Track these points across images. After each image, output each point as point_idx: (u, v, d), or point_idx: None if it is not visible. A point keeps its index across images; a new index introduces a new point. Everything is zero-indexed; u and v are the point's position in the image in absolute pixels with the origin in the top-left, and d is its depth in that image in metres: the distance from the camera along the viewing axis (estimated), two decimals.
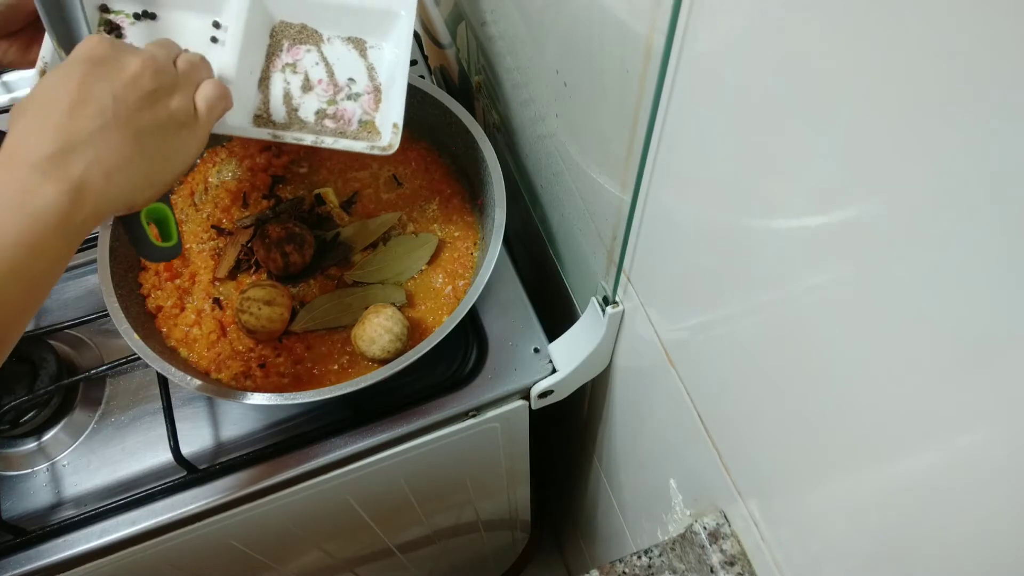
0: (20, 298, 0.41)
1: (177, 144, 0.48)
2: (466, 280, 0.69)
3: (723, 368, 0.46)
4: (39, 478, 0.65)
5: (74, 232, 0.42)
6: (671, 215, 0.46)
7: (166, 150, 0.47)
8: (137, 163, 0.45)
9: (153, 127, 0.46)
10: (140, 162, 0.45)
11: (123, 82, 0.45)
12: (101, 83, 0.44)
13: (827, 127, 0.28)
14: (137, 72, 0.45)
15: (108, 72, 0.44)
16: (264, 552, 0.79)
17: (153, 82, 0.46)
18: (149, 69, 0.46)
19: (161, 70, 0.47)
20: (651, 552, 0.56)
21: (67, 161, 0.42)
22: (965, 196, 0.23)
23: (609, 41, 0.45)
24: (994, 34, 0.20)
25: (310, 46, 0.62)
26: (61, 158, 0.41)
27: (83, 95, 0.43)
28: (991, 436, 0.26)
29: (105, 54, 0.45)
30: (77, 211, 0.42)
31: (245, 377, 0.64)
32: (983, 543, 0.28)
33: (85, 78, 0.43)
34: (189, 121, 0.49)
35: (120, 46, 0.46)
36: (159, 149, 0.47)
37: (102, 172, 0.43)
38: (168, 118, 0.47)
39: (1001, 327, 0.24)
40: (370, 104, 0.62)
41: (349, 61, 0.63)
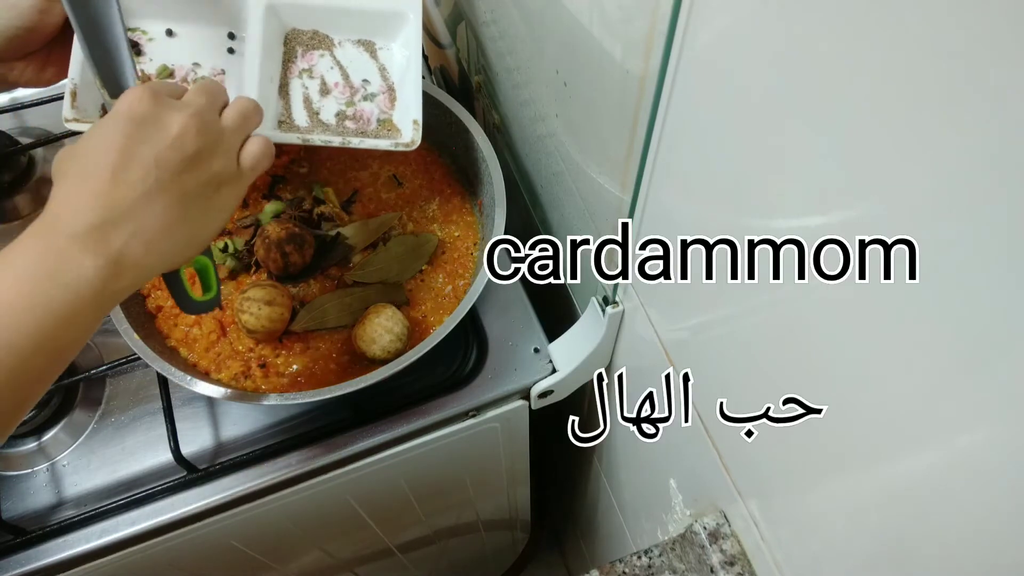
0: (45, 366, 0.40)
1: (218, 203, 0.46)
2: (466, 280, 0.69)
3: (723, 368, 0.46)
4: (39, 478, 0.65)
5: (109, 301, 0.42)
6: (671, 215, 0.46)
7: (207, 210, 0.46)
8: (178, 227, 0.44)
9: (196, 190, 0.44)
10: (181, 226, 0.44)
11: (166, 144, 0.43)
12: (143, 146, 0.42)
13: (827, 127, 0.28)
14: (180, 133, 0.43)
15: (151, 133, 0.43)
16: (264, 552, 0.79)
17: (197, 143, 0.44)
18: (192, 129, 0.44)
19: (205, 128, 0.45)
20: (651, 552, 0.56)
21: (107, 233, 0.41)
22: (965, 196, 0.23)
23: (609, 41, 0.45)
24: (994, 34, 0.20)
25: (323, 51, 0.63)
26: (101, 230, 0.40)
27: (125, 159, 0.42)
28: (991, 436, 0.26)
29: (147, 112, 0.43)
30: (114, 282, 0.41)
31: (245, 377, 0.64)
32: (983, 543, 0.28)
33: (128, 141, 0.42)
34: (232, 179, 0.47)
35: (163, 102, 0.44)
36: (201, 211, 0.45)
37: (143, 242, 0.42)
38: (211, 179, 0.45)
39: (1001, 327, 0.24)
40: (386, 103, 0.63)
41: (361, 63, 0.64)
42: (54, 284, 0.39)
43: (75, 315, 0.40)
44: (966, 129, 0.22)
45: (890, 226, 0.27)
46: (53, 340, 0.39)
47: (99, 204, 0.40)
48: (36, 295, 0.39)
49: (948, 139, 0.23)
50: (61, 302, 0.39)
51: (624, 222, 0.52)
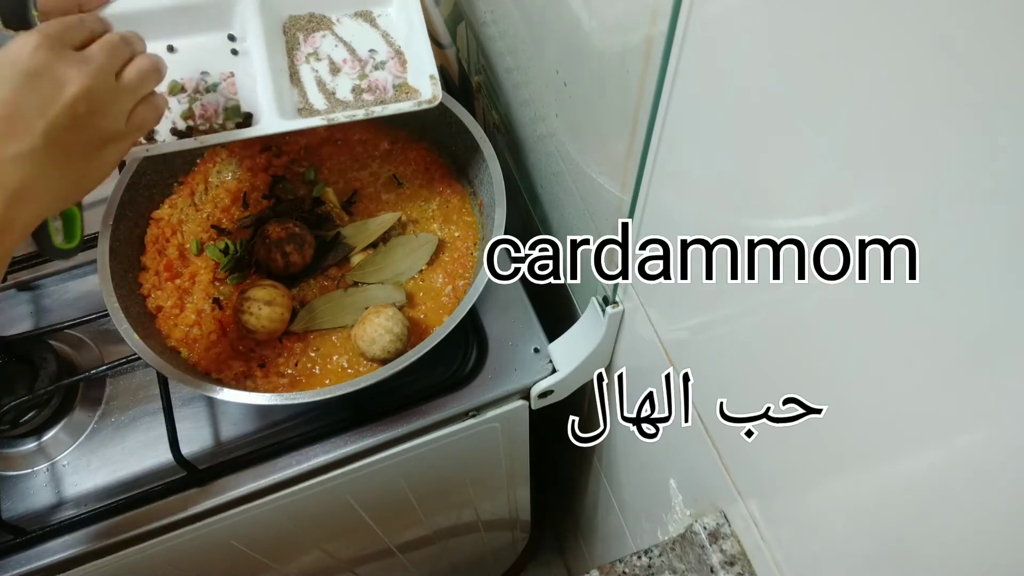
0: None
1: (101, 159, 0.46)
2: (466, 280, 0.69)
3: (723, 368, 0.46)
4: (39, 478, 0.65)
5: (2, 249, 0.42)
6: (671, 215, 0.46)
7: (89, 166, 0.45)
8: (58, 182, 0.43)
9: (81, 147, 0.44)
10: (61, 181, 0.44)
11: (58, 104, 0.42)
12: (31, 100, 0.41)
13: (827, 127, 0.28)
14: (74, 94, 0.42)
15: (43, 88, 0.41)
16: (264, 552, 0.79)
17: (88, 105, 0.43)
18: (88, 90, 0.43)
19: (99, 90, 0.44)
20: (651, 552, 0.56)
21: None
22: (965, 195, 0.23)
23: (609, 41, 0.45)
24: (994, 34, 0.20)
25: (323, 31, 0.64)
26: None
27: (10, 112, 0.40)
28: (991, 436, 0.26)
29: (42, 65, 0.41)
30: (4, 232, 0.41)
31: (245, 377, 0.64)
32: (983, 543, 0.28)
33: (16, 93, 0.40)
34: (118, 137, 0.46)
35: (61, 55, 0.42)
36: (83, 166, 0.45)
37: (27, 193, 0.41)
38: (96, 138, 0.45)
39: (1001, 327, 0.24)
40: (397, 68, 0.63)
41: (364, 35, 0.64)
42: None
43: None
44: (966, 129, 0.22)
45: (890, 226, 0.27)
46: None
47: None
48: None
49: (948, 139, 0.23)
50: None
51: (624, 222, 0.52)
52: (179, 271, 0.69)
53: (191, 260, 0.70)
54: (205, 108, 0.59)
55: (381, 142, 0.77)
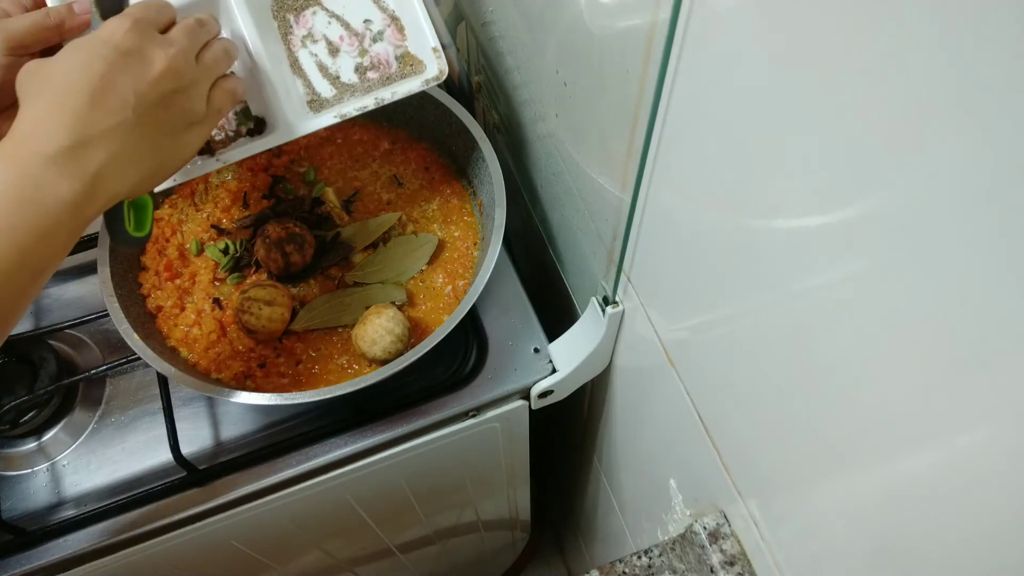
0: (27, 284, 0.42)
1: (185, 140, 0.49)
2: (466, 280, 0.69)
3: (723, 368, 0.46)
4: (39, 478, 0.65)
5: (83, 222, 0.43)
6: (671, 215, 0.46)
7: (175, 146, 0.48)
8: (148, 159, 0.46)
9: (167, 125, 0.46)
10: (150, 158, 0.46)
11: (147, 80, 0.44)
12: (124, 76, 0.43)
13: (828, 127, 0.28)
14: (162, 71, 0.45)
15: (133, 66, 0.44)
16: (264, 552, 0.79)
17: (174, 83, 0.46)
18: (172, 69, 0.46)
19: (184, 69, 0.47)
20: (651, 552, 0.56)
21: (83, 156, 0.42)
22: (966, 195, 0.23)
23: (609, 41, 0.45)
24: (995, 34, 0.20)
25: (313, 7, 0.61)
26: (78, 152, 0.42)
27: (105, 86, 0.42)
28: (991, 436, 0.26)
29: (132, 45, 0.44)
30: (89, 205, 0.43)
31: (245, 377, 0.64)
32: (983, 543, 0.28)
33: (110, 68, 0.43)
34: (200, 119, 0.49)
35: (149, 36, 0.45)
36: (169, 146, 0.47)
37: (116, 168, 0.43)
38: (182, 117, 0.48)
39: (1002, 327, 0.24)
40: (395, 36, 0.61)
41: (354, 4, 0.62)
42: (33, 207, 0.40)
43: (53, 235, 0.41)
44: (967, 128, 0.22)
45: (890, 226, 0.27)
46: (34, 259, 0.41)
47: (76, 125, 0.41)
48: (15, 218, 0.40)
49: (949, 139, 0.23)
50: (39, 224, 0.41)
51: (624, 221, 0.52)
52: (179, 271, 0.69)
53: (191, 260, 0.70)
54: None
55: (381, 142, 0.77)
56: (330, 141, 0.77)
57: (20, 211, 0.40)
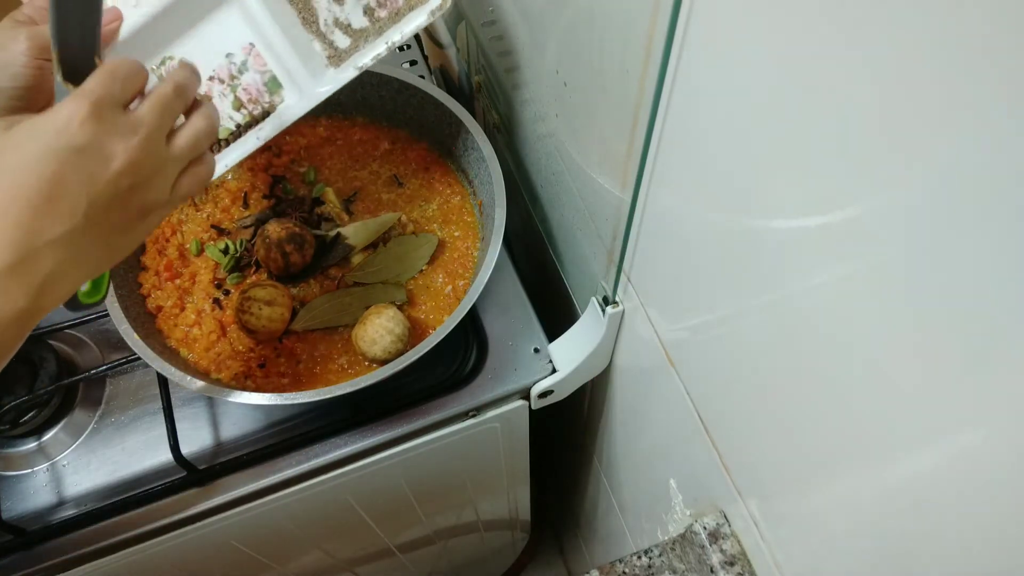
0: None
1: (142, 228, 0.44)
2: (466, 280, 0.69)
3: (723, 368, 0.46)
4: (39, 478, 0.65)
5: (27, 329, 0.40)
6: (671, 215, 0.46)
7: (129, 236, 0.44)
8: (98, 255, 0.42)
9: (122, 223, 0.42)
10: (102, 254, 0.42)
11: (103, 180, 0.40)
12: (77, 176, 0.39)
13: (828, 126, 0.28)
14: (120, 170, 0.40)
15: (88, 164, 0.39)
16: (264, 552, 0.79)
17: (134, 178, 0.41)
18: (134, 163, 0.41)
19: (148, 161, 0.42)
20: (651, 552, 0.56)
21: (28, 270, 0.38)
22: (966, 195, 0.23)
23: (609, 41, 0.45)
24: (995, 34, 0.20)
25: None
26: (21, 267, 0.38)
27: (54, 190, 0.38)
28: (991, 436, 0.26)
29: (87, 140, 0.39)
30: (34, 315, 0.40)
31: (245, 377, 0.64)
32: (983, 543, 0.28)
33: (61, 168, 0.38)
34: (159, 207, 0.44)
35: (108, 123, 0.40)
36: (121, 241, 0.43)
37: (62, 274, 0.40)
38: (137, 210, 0.43)
39: (1002, 327, 0.24)
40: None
41: None
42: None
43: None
44: (967, 128, 0.22)
45: (891, 226, 0.27)
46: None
47: (20, 239, 0.38)
48: None
49: (949, 138, 0.23)
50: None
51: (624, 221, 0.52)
52: (179, 271, 0.69)
53: (191, 260, 0.70)
54: (248, 91, 0.58)
55: (381, 142, 0.77)
56: (330, 141, 0.77)
57: None
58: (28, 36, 0.46)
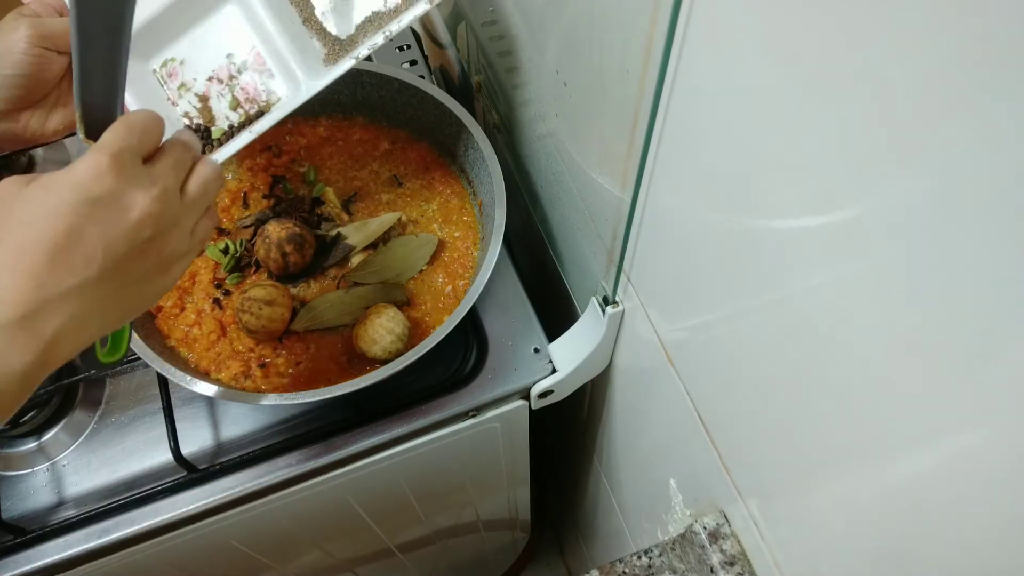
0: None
1: (162, 282, 0.43)
2: (466, 280, 0.69)
3: (723, 368, 0.46)
4: (39, 478, 0.65)
5: (34, 385, 0.39)
6: (671, 215, 0.46)
7: (148, 290, 0.43)
8: (112, 311, 0.41)
9: (139, 275, 0.41)
10: (115, 310, 0.41)
11: (120, 231, 0.39)
12: (94, 228, 0.38)
13: (827, 127, 0.28)
14: (139, 220, 0.39)
15: (105, 216, 0.38)
16: (264, 552, 0.79)
17: (153, 229, 0.40)
18: (154, 215, 0.40)
19: (163, 213, 0.41)
20: (651, 552, 0.56)
21: (37, 323, 0.37)
22: (966, 195, 0.23)
23: (609, 41, 0.45)
24: (995, 35, 0.20)
25: None
26: (31, 321, 0.36)
27: (70, 241, 0.37)
28: (991, 436, 0.26)
29: (107, 192, 0.38)
30: (41, 371, 0.38)
31: (245, 377, 0.64)
32: (983, 543, 0.28)
33: (78, 220, 0.37)
34: (177, 260, 0.44)
35: (128, 178, 0.39)
36: (136, 294, 0.42)
37: (74, 329, 0.38)
38: (157, 264, 0.42)
39: (1002, 327, 0.24)
40: None
41: None
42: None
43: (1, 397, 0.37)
44: (967, 128, 0.22)
45: (891, 226, 0.27)
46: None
47: (31, 291, 0.36)
48: None
49: (949, 138, 0.23)
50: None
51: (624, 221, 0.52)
52: None
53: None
54: (246, 90, 0.58)
55: (381, 142, 0.77)
56: (330, 141, 0.77)
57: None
58: (29, 25, 0.47)
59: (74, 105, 0.42)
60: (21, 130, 0.51)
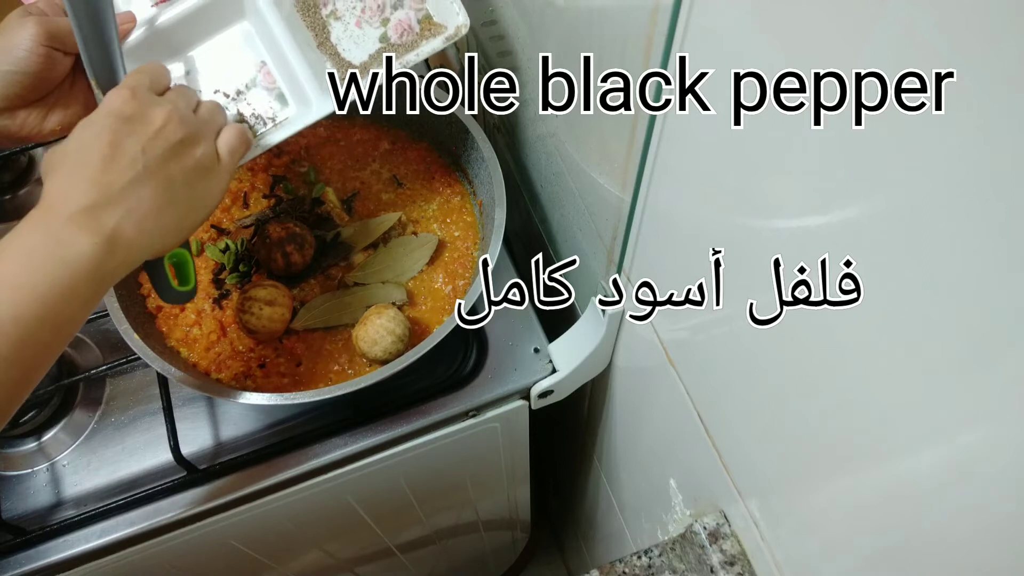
0: (50, 339, 0.43)
1: (203, 190, 0.50)
2: (466, 280, 0.69)
3: (723, 368, 0.46)
4: (39, 478, 0.65)
5: (105, 278, 0.44)
6: (671, 215, 0.46)
7: (193, 197, 0.49)
8: (166, 211, 0.47)
9: (181, 176, 0.48)
10: (169, 210, 0.47)
11: (150, 136, 0.47)
12: (130, 138, 0.46)
13: (828, 126, 0.28)
14: (163, 125, 0.47)
15: (136, 127, 0.46)
16: (264, 552, 0.79)
17: (178, 132, 0.48)
18: (174, 121, 0.48)
19: (184, 120, 0.49)
20: (651, 552, 0.56)
21: (101, 213, 0.44)
22: (967, 195, 0.23)
23: (609, 41, 0.45)
24: (995, 35, 0.20)
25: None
26: (96, 211, 0.44)
27: (114, 150, 0.45)
28: (991, 436, 0.26)
29: (133, 111, 0.47)
30: (109, 259, 0.44)
31: (245, 377, 0.64)
32: (983, 543, 0.28)
33: (116, 135, 0.45)
34: (213, 166, 0.50)
35: (146, 99, 0.48)
36: (187, 196, 0.49)
37: (134, 222, 0.45)
38: (194, 166, 0.49)
39: (1002, 327, 0.24)
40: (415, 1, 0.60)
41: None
42: (54, 262, 0.42)
43: (75, 290, 0.42)
44: (967, 128, 0.22)
45: (891, 226, 0.27)
46: (56, 314, 0.42)
47: (92, 188, 0.44)
48: (38, 273, 0.41)
49: (949, 138, 0.23)
50: (62, 278, 0.42)
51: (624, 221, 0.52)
52: None
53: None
54: (253, 106, 0.58)
55: (381, 142, 0.77)
56: (330, 141, 0.77)
57: (43, 267, 0.42)
58: (36, 23, 0.50)
59: (88, 76, 0.51)
60: (18, 128, 0.53)
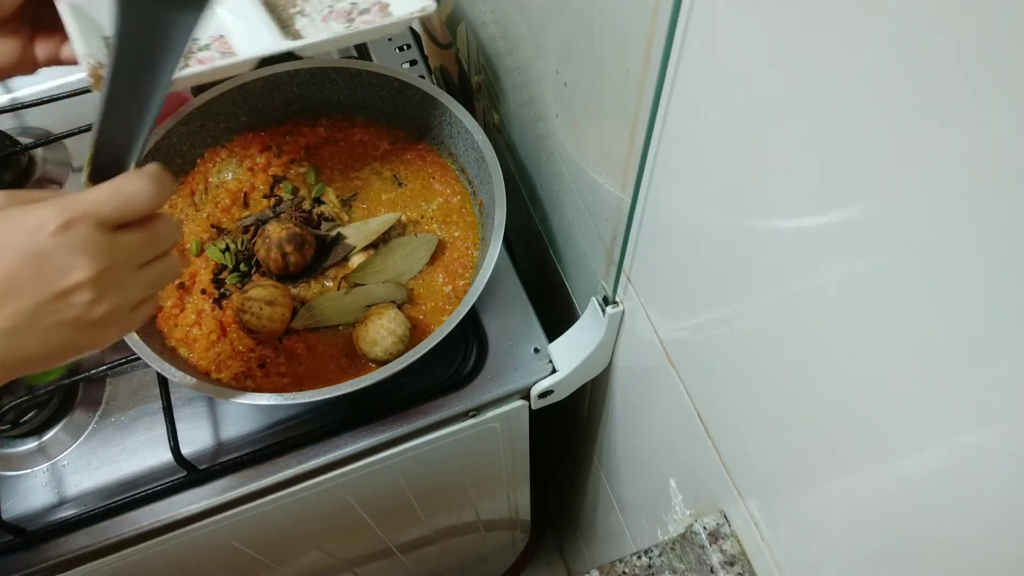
0: None
1: (95, 337, 0.43)
2: (466, 280, 0.69)
3: (723, 368, 0.46)
4: (39, 478, 0.65)
5: None
6: (671, 215, 0.46)
7: (78, 342, 0.42)
8: (40, 354, 0.41)
9: (69, 328, 0.40)
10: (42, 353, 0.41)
11: (55, 293, 0.38)
12: (29, 285, 0.38)
13: (828, 126, 0.28)
14: (74, 286, 0.39)
15: (44, 274, 0.38)
16: (264, 552, 0.79)
17: (91, 294, 0.40)
18: (91, 287, 0.40)
19: (111, 286, 0.41)
20: (651, 552, 0.56)
21: None
22: (967, 195, 0.23)
23: (609, 41, 0.45)
24: (995, 35, 0.20)
25: None
26: None
27: (9, 286, 0.38)
28: (991, 436, 0.26)
29: (53, 247, 0.38)
30: None
31: (245, 377, 0.64)
32: (983, 543, 0.28)
33: (17, 270, 0.37)
34: (112, 324, 0.43)
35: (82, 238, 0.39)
36: (71, 341, 0.41)
37: None
38: (88, 324, 0.41)
39: (1002, 327, 0.24)
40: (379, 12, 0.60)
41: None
42: None
43: None
44: (967, 128, 0.22)
45: (891, 226, 0.27)
46: None
47: None
48: None
49: (948, 138, 0.23)
50: None
51: (624, 221, 0.52)
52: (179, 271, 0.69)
53: (191, 260, 0.70)
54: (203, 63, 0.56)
55: (381, 142, 0.77)
56: (330, 141, 0.77)
57: None
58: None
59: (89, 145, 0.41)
60: None
